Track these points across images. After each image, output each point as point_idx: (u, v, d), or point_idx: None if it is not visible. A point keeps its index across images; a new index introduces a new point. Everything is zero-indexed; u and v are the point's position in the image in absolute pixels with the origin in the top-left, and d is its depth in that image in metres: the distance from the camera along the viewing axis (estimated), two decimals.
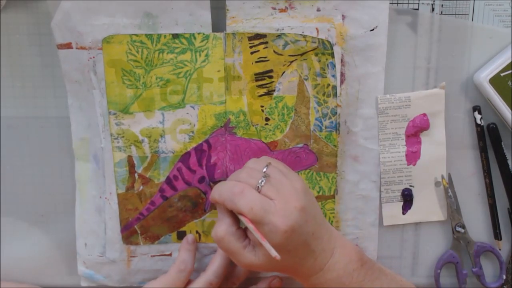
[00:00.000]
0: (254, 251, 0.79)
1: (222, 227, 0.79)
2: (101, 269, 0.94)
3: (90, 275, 0.94)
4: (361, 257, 0.83)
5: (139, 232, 0.92)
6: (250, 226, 0.75)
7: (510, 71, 0.88)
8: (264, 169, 0.80)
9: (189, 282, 0.88)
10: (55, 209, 0.95)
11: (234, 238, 0.79)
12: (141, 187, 0.90)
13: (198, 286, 0.87)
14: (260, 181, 0.78)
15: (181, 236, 0.92)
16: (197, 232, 0.92)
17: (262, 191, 0.77)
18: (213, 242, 0.92)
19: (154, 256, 0.93)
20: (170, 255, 0.93)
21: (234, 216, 0.80)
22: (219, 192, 0.79)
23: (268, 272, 0.94)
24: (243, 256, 0.79)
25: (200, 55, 0.86)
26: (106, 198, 0.91)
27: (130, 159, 0.89)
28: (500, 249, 0.95)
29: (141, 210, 0.91)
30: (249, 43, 0.86)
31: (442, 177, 0.93)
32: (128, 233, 0.92)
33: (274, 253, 0.73)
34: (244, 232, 0.80)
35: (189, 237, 0.91)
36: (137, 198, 0.90)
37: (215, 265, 0.88)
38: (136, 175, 0.90)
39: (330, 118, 0.89)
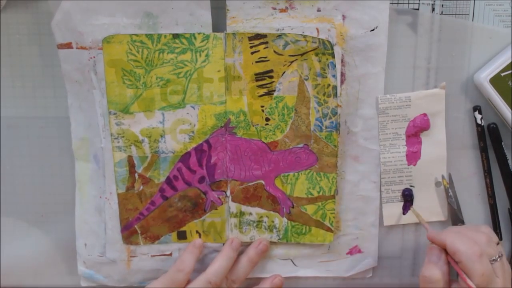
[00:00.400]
0: None
1: (438, 273, 0.82)
2: (101, 269, 0.94)
3: (90, 275, 0.94)
4: None
5: (139, 232, 0.92)
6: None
7: (510, 71, 0.88)
8: (498, 245, 0.83)
9: (189, 281, 0.88)
10: (55, 209, 0.95)
11: (445, 286, 0.82)
12: (141, 187, 0.90)
13: (197, 285, 0.87)
14: (497, 256, 0.81)
15: (181, 236, 0.92)
16: (197, 232, 0.92)
17: (493, 265, 0.80)
18: (212, 242, 0.92)
19: (154, 256, 0.93)
20: (170, 255, 0.93)
21: (447, 267, 0.83)
22: (453, 242, 0.81)
23: (268, 273, 0.94)
24: None
25: (200, 55, 0.86)
26: (106, 198, 0.91)
27: (130, 159, 0.89)
28: None
29: (141, 210, 0.91)
30: (250, 43, 0.86)
31: (443, 177, 0.93)
32: (128, 233, 0.92)
33: None
34: (449, 284, 0.84)
35: (197, 241, 0.92)
36: (137, 198, 0.90)
37: (216, 265, 0.88)
38: (136, 175, 0.90)
39: (330, 118, 0.89)
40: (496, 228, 0.94)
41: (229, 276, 0.90)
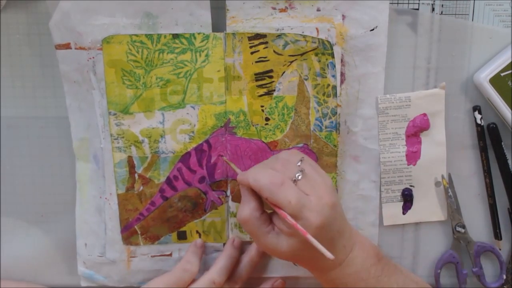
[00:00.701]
0: (277, 237, 0.79)
1: (247, 211, 0.80)
2: (101, 269, 0.94)
3: (90, 275, 0.94)
4: (378, 253, 0.85)
5: (139, 232, 0.92)
6: (289, 220, 0.76)
7: (510, 71, 0.88)
8: (299, 163, 0.80)
9: (192, 281, 0.88)
10: (55, 209, 0.95)
11: (259, 222, 0.80)
12: (141, 188, 0.90)
13: (201, 285, 0.87)
14: (297, 175, 0.78)
15: (181, 236, 0.92)
16: (197, 232, 0.92)
17: (298, 185, 0.78)
18: (212, 241, 0.92)
19: (154, 256, 0.93)
20: (170, 255, 0.93)
21: (259, 200, 0.81)
22: (255, 178, 0.78)
23: (270, 273, 0.95)
24: (266, 241, 0.80)
25: (200, 55, 0.86)
26: (106, 198, 0.91)
27: (130, 160, 0.89)
28: (500, 249, 0.95)
29: (141, 210, 0.91)
30: (249, 43, 0.86)
31: (442, 177, 0.93)
32: (128, 234, 0.92)
33: (328, 254, 0.73)
34: (269, 217, 0.81)
35: (198, 241, 0.92)
36: (137, 198, 0.90)
37: (219, 265, 0.89)
38: (136, 175, 0.90)
39: (330, 118, 0.89)
40: (496, 228, 0.94)
41: (231, 276, 0.90)
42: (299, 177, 0.78)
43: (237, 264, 0.91)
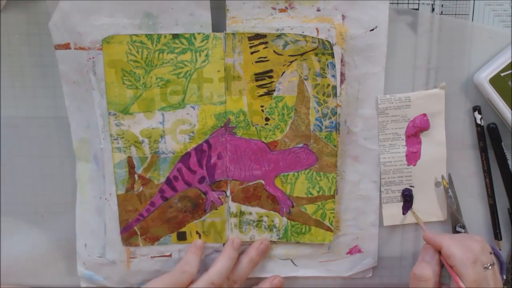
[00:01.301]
0: None
1: (430, 271, 0.84)
2: (101, 270, 0.94)
3: (90, 276, 0.94)
4: None
5: (139, 233, 0.91)
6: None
7: (510, 71, 0.88)
8: (491, 254, 0.85)
9: (191, 282, 0.88)
10: (55, 209, 0.95)
11: (435, 286, 0.84)
12: (141, 188, 0.90)
13: (200, 285, 0.87)
14: (488, 264, 0.83)
15: (181, 237, 0.92)
16: (197, 232, 0.92)
17: (486, 273, 0.82)
18: (212, 242, 0.92)
19: (154, 257, 0.93)
20: (170, 256, 0.93)
21: (439, 268, 0.86)
22: (450, 247, 0.83)
23: (269, 273, 0.95)
24: None
25: (200, 55, 0.86)
26: (106, 199, 0.91)
27: (130, 160, 0.89)
28: (500, 249, 0.95)
29: (141, 211, 0.91)
30: (249, 43, 0.86)
31: (442, 177, 0.93)
32: (128, 234, 0.91)
33: None
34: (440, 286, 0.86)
35: (198, 242, 0.92)
36: (137, 199, 0.90)
37: (218, 266, 0.89)
38: (136, 176, 0.90)
39: (330, 118, 0.89)
40: (496, 228, 0.94)
41: (230, 276, 0.90)
42: (490, 267, 0.82)
43: (236, 264, 0.91)
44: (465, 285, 0.80)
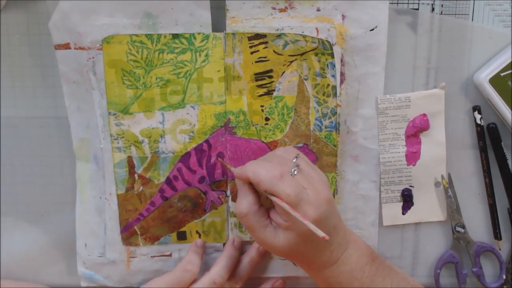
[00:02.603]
0: (275, 232, 0.80)
1: (245, 204, 0.81)
2: (101, 269, 0.94)
3: (90, 275, 0.94)
4: (372, 252, 0.85)
5: (139, 233, 0.91)
6: (286, 207, 0.76)
7: (510, 71, 0.88)
8: (294, 159, 0.81)
9: (193, 281, 0.88)
10: (55, 209, 0.95)
11: (257, 215, 0.80)
12: (141, 188, 0.90)
13: (202, 285, 0.87)
14: (293, 170, 0.79)
15: (181, 236, 0.92)
16: (197, 232, 0.92)
17: (296, 179, 0.79)
18: (212, 241, 0.92)
19: (154, 256, 0.93)
20: (170, 255, 0.93)
21: (257, 194, 0.82)
22: (254, 171, 0.79)
23: (270, 273, 0.95)
24: (263, 235, 0.80)
25: (200, 55, 0.86)
26: (106, 198, 0.91)
27: (130, 160, 0.89)
28: (500, 249, 0.95)
29: (141, 210, 0.91)
30: (249, 43, 0.86)
31: (442, 177, 0.93)
32: (128, 234, 0.91)
33: (321, 233, 0.73)
34: (266, 212, 0.82)
35: (198, 241, 0.92)
36: (137, 198, 0.90)
37: (219, 265, 0.89)
38: (136, 175, 0.90)
39: (330, 118, 0.89)
40: (496, 228, 0.94)
41: (231, 276, 0.90)
42: (295, 172, 0.79)
43: (237, 264, 0.91)
44: (286, 202, 0.76)
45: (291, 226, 0.78)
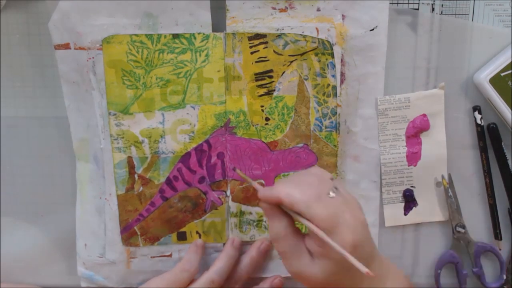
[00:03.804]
0: (310, 260, 0.74)
1: (281, 227, 0.74)
2: (101, 270, 0.94)
3: (90, 276, 0.94)
4: (411, 286, 0.82)
5: (139, 233, 0.91)
6: (322, 234, 0.70)
7: (510, 71, 0.88)
8: (331, 179, 0.76)
9: (192, 281, 0.88)
10: (55, 209, 0.95)
11: (293, 239, 0.75)
12: (141, 188, 0.90)
13: (200, 285, 0.87)
14: (331, 192, 0.73)
15: (181, 237, 0.92)
16: (197, 232, 0.92)
17: (334, 202, 0.73)
18: (213, 241, 0.92)
19: (154, 257, 0.93)
20: (170, 256, 0.93)
21: (290, 217, 0.75)
22: (288, 192, 0.73)
23: (269, 273, 0.95)
24: (298, 262, 0.74)
25: (200, 55, 0.86)
26: (106, 199, 0.91)
27: (130, 160, 0.89)
28: (500, 249, 0.95)
29: (141, 211, 0.91)
30: (249, 43, 0.86)
31: (443, 177, 0.93)
32: (128, 235, 0.91)
33: (364, 268, 0.66)
34: (302, 237, 0.76)
35: (198, 241, 0.91)
36: (137, 199, 0.90)
37: (218, 265, 0.89)
38: (136, 176, 0.90)
39: (330, 118, 0.89)
40: (496, 228, 0.94)
41: (231, 276, 0.91)
42: (333, 194, 0.73)
43: (238, 265, 0.91)
44: (320, 227, 0.70)
45: (327, 253, 0.71)
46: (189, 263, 0.89)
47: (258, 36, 0.86)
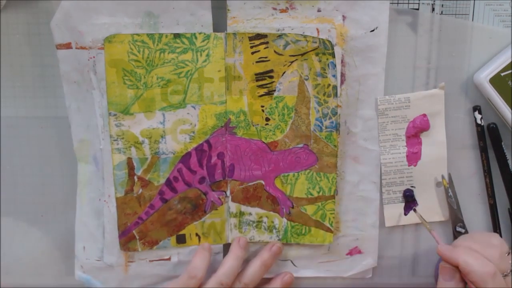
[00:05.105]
0: None
1: (452, 285, 0.82)
2: (99, 274, 0.93)
3: (87, 280, 0.94)
4: None
5: (137, 237, 0.91)
6: None
7: (510, 71, 0.88)
8: (508, 255, 0.82)
9: (200, 284, 0.88)
10: (55, 209, 0.94)
11: None
12: (140, 190, 0.90)
13: (209, 286, 0.87)
14: (508, 271, 0.81)
15: (180, 240, 0.92)
16: (196, 234, 0.92)
17: (506, 280, 0.80)
18: (212, 243, 0.92)
19: (152, 261, 0.93)
20: (169, 259, 0.93)
21: (464, 282, 0.82)
22: (467, 262, 0.80)
23: (269, 273, 0.94)
24: None
25: (201, 55, 0.86)
26: (105, 201, 0.91)
27: (129, 161, 0.89)
28: None
29: (140, 214, 0.91)
30: (250, 43, 0.86)
31: (443, 177, 0.93)
32: (126, 239, 0.91)
33: None
34: None
35: (205, 245, 0.91)
36: (136, 201, 0.90)
37: (226, 266, 0.88)
38: (135, 177, 0.89)
39: (330, 118, 0.89)
40: (496, 228, 0.95)
41: (242, 279, 0.90)
42: (509, 273, 0.80)
43: (248, 268, 0.91)
44: None
45: None
46: (196, 269, 0.88)
47: (259, 36, 0.86)
